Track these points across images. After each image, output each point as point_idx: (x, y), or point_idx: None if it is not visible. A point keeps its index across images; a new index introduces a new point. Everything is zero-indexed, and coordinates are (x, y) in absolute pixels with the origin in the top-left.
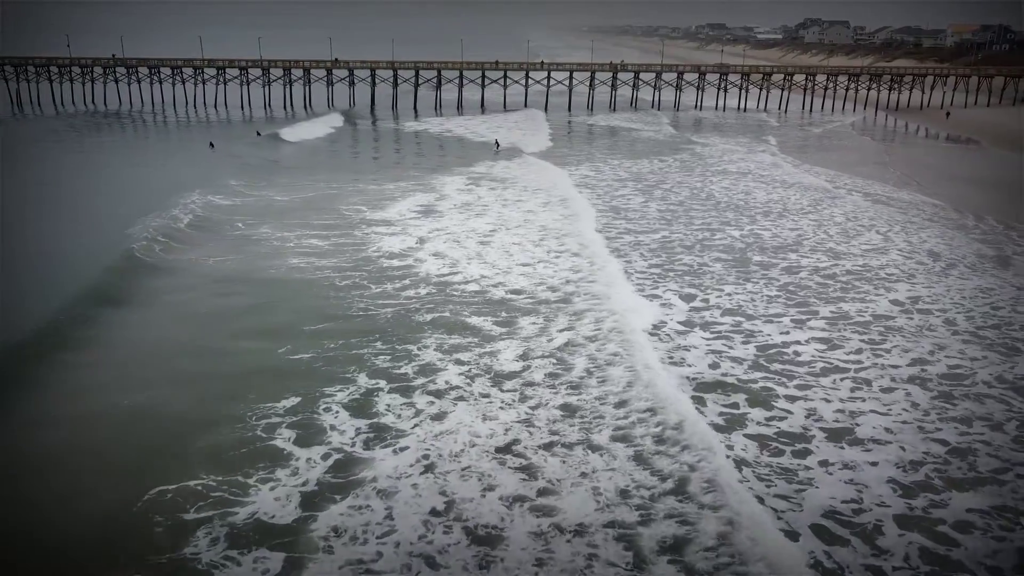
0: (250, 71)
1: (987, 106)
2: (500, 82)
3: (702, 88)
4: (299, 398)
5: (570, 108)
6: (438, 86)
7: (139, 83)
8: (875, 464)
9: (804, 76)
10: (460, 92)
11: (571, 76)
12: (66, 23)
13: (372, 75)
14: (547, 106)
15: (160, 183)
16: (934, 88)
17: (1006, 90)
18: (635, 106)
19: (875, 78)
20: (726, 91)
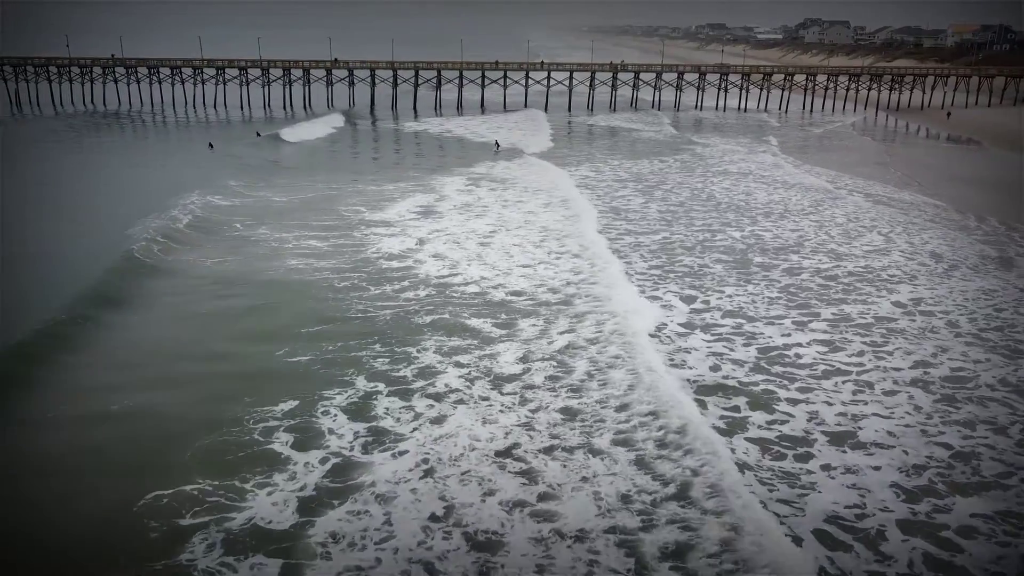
0: (249, 71)
1: (988, 106)
2: (500, 82)
3: (702, 88)
4: (297, 401)
5: (570, 108)
6: (438, 86)
7: (138, 83)
8: (878, 468)
9: (805, 76)
10: (460, 92)
11: (571, 76)
12: (66, 23)
13: (372, 75)
14: (547, 106)
15: (159, 183)
16: (935, 88)
17: (1007, 90)
18: (635, 106)
19: (876, 78)
20: (726, 91)
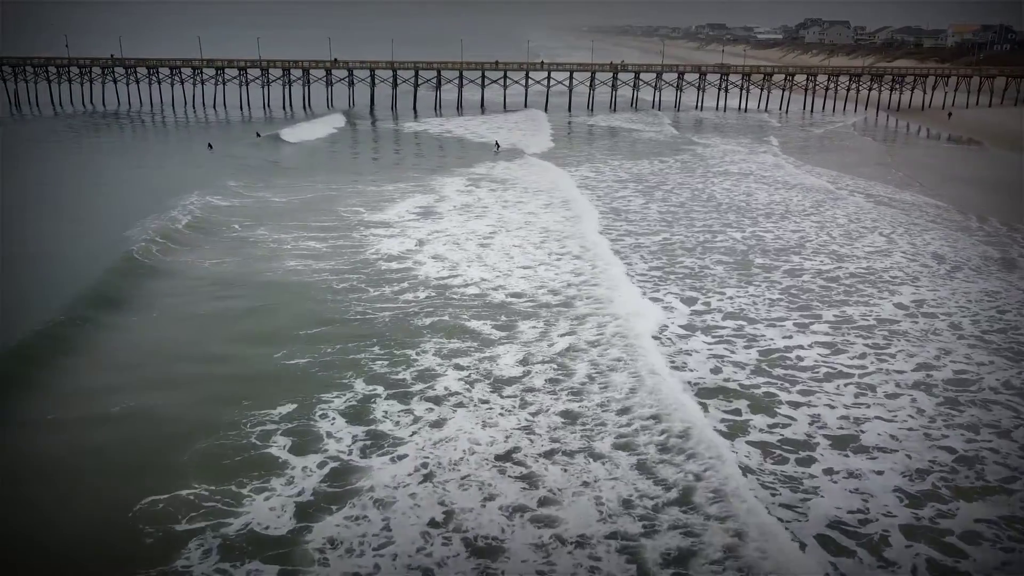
0: (249, 71)
1: (989, 106)
2: (500, 82)
3: (703, 88)
4: (295, 404)
5: (570, 108)
6: (438, 86)
7: (137, 83)
8: (881, 473)
9: (805, 76)
10: (460, 92)
11: (571, 76)
12: (65, 23)
13: (371, 75)
14: (547, 106)
15: (159, 184)
16: (935, 88)
17: (1007, 90)
18: (635, 106)
19: (876, 78)
20: (727, 91)
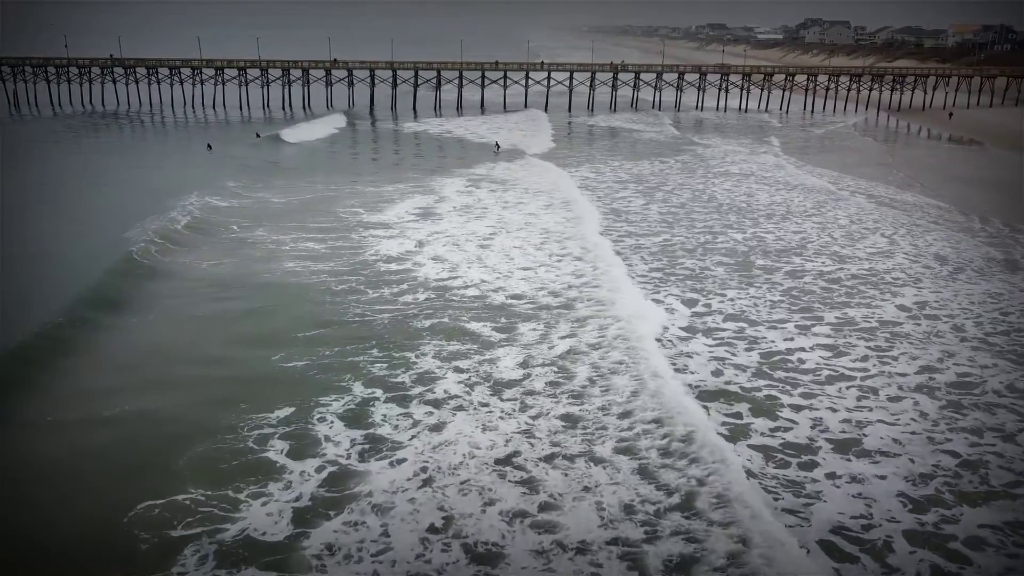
0: (248, 71)
1: (990, 107)
2: (500, 83)
3: (703, 89)
4: (293, 408)
5: (570, 109)
6: (437, 87)
7: (137, 84)
8: (884, 477)
9: (806, 77)
10: (460, 93)
11: (571, 77)
12: (65, 23)
13: (371, 76)
14: (547, 107)
15: (158, 184)
16: (936, 89)
17: (1008, 90)
18: (635, 107)
19: (877, 79)
20: (727, 92)
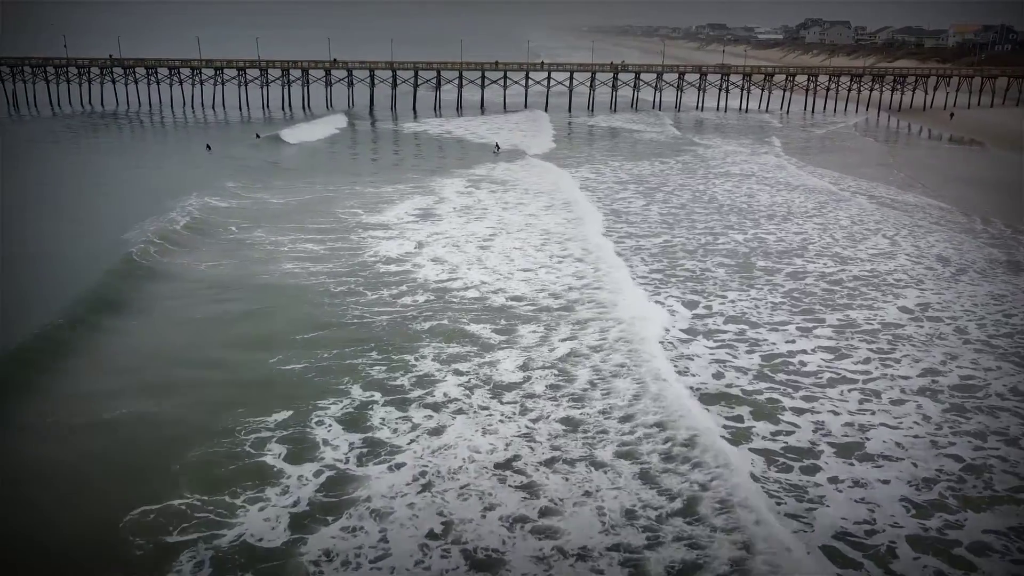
0: (248, 72)
1: (990, 107)
2: (500, 83)
3: (703, 89)
4: (290, 411)
5: (570, 109)
6: (437, 87)
7: (136, 84)
8: (887, 482)
9: (807, 77)
10: (460, 93)
11: (571, 77)
12: (65, 23)
13: (371, 76)
14: (547, 107)
15: (157, 185)
16: (937, 89)
17: (1009, 91)
18: (636, 107)
19: (878, 79)
20: (728, 92)
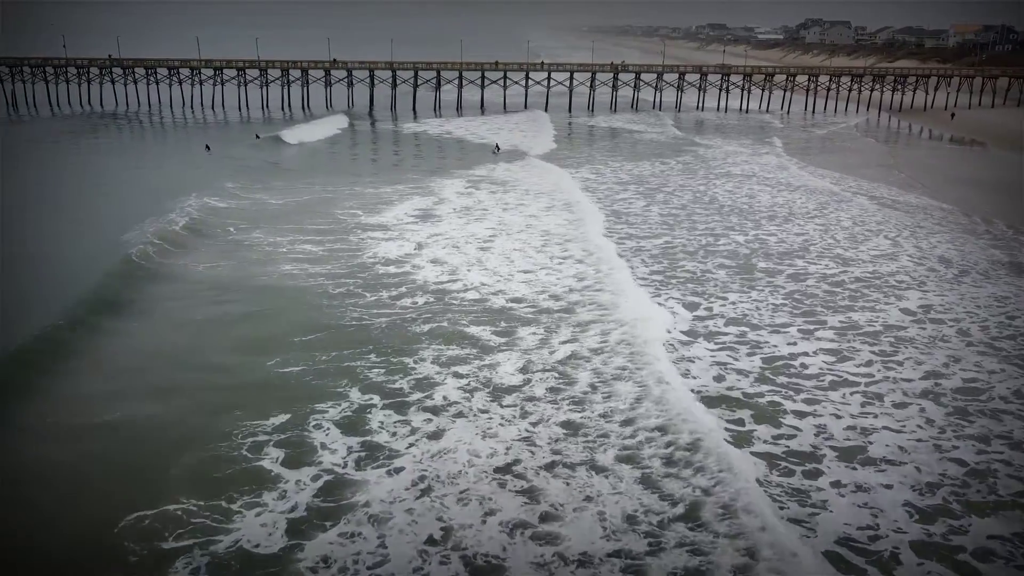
0: (247, 72)
1: (991, 107)
2: (500, 83)
3: (704, 89)
4: (288, 414)
5: (570, 109)
6: (437, 87)
7: (135, 84)
8: (890, 487)
9: (807, 77)
10: (459, 93)
11: (571, 77)
12: (64, 23)
13: (371, 76)
14: (547, 107)
15: (157, 185)
16: (938, 89)
17: (1010, 91)
18: (636, 107)
19: (878, 79)
20: (728, 92)
